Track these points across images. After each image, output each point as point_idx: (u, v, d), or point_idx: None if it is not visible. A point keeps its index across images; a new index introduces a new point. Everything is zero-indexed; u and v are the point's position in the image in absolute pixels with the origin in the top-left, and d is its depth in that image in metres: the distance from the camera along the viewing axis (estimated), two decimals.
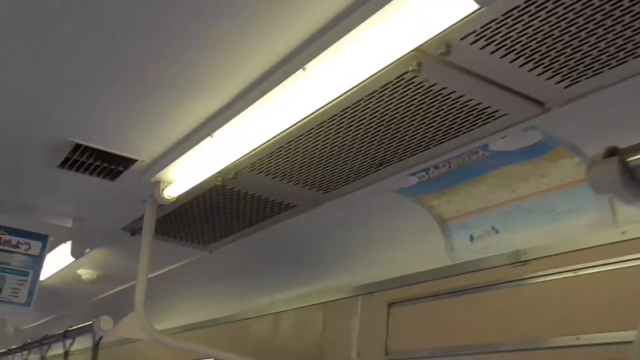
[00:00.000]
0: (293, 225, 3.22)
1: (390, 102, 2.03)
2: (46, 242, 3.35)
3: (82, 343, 4.07)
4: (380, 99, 2.02)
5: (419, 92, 1.96)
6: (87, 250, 3.83)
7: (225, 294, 4.14)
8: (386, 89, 1.96)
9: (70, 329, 3.29)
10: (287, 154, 2.46)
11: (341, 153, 2.41)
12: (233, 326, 4.03)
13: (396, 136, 2.24)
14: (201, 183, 2.76)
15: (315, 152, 2.43)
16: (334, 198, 2.85)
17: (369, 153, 2.39)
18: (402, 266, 2.97)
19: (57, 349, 4.15)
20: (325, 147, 2.37)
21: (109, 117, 2.44)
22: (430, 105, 2.02)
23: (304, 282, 3.59)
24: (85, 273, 4.47)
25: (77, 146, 2.61)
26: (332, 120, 2.18)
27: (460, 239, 2.72)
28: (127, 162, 2.73)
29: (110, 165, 2.76)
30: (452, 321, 2.71)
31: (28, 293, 3.26)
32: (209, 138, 2.38)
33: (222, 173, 2.67)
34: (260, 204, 3.00)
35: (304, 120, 2.20)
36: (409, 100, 2.01)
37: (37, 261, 3.32)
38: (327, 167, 2.54)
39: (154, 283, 4.19)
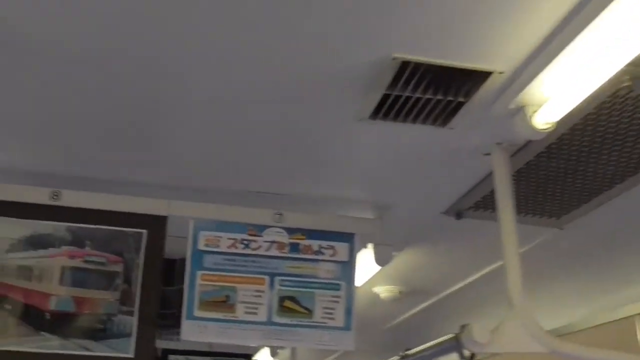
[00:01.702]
0: None
1: None
2: (353, 243, 2.52)
3: None
4: None
5: None
6: (394, 254, 2.96)
7: (588, 285, 3.04)
8: None
9: (410, 352, 2.38)
10: None
11: None
12: (609, 330, 2.90)
13: None
14: (596, 93, 1.74)
15: None
16: None
17: None
18: None
19: None
20: None
21: (444, 9, 1.54)
22: None
23: None
24: (384, 290, 3.60)
25: (404, 66, 1.72)
26: None
27: None
28: (476, 80, 1.78)
29: (447, 92, 1.84)
30: None
31: (345, 312, 2.42)
32: None
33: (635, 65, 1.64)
34: None
35: None
36: None
37: (348, 269, 2.48)
38: None
39: (487, 281, 3.24)
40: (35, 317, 2.22)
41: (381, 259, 2.90)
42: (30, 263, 2.26)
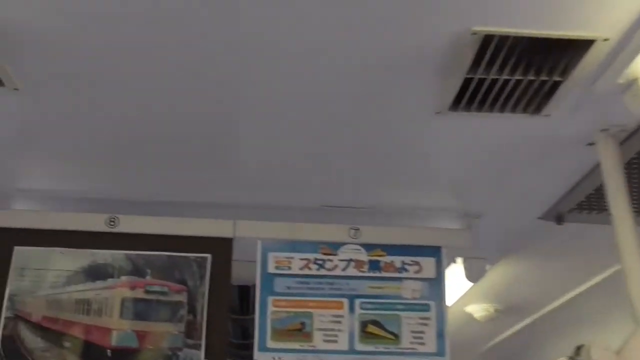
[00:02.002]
0: None
1: None
2: (440, 257, 2.25)
3: None
4: None
5: None
6: (487, 268, 2.66)
7: None
8: None
9: None
10: None
11: None
12: None
13: None
14: None
15: None
16: None
17: None
18: None
19: None
20: None
21: None
22: None
23: None
24: (478, 309, 3.29)
25: (486, 41, 1.47)
26: None
27: None
28: (575, 52, 1.51)
29: (540, 71, 1.57)
30: None
31: (436, 335, 2.15)
32: None
33: None
34: None
35: None
36: None
37: (436, 286, 2.21)
38: None
39: (597, 292, 2.89)
40: (95, 355, 2.04)
41: (473, 274, 2.66)
42: (88, 296, 2.11)
